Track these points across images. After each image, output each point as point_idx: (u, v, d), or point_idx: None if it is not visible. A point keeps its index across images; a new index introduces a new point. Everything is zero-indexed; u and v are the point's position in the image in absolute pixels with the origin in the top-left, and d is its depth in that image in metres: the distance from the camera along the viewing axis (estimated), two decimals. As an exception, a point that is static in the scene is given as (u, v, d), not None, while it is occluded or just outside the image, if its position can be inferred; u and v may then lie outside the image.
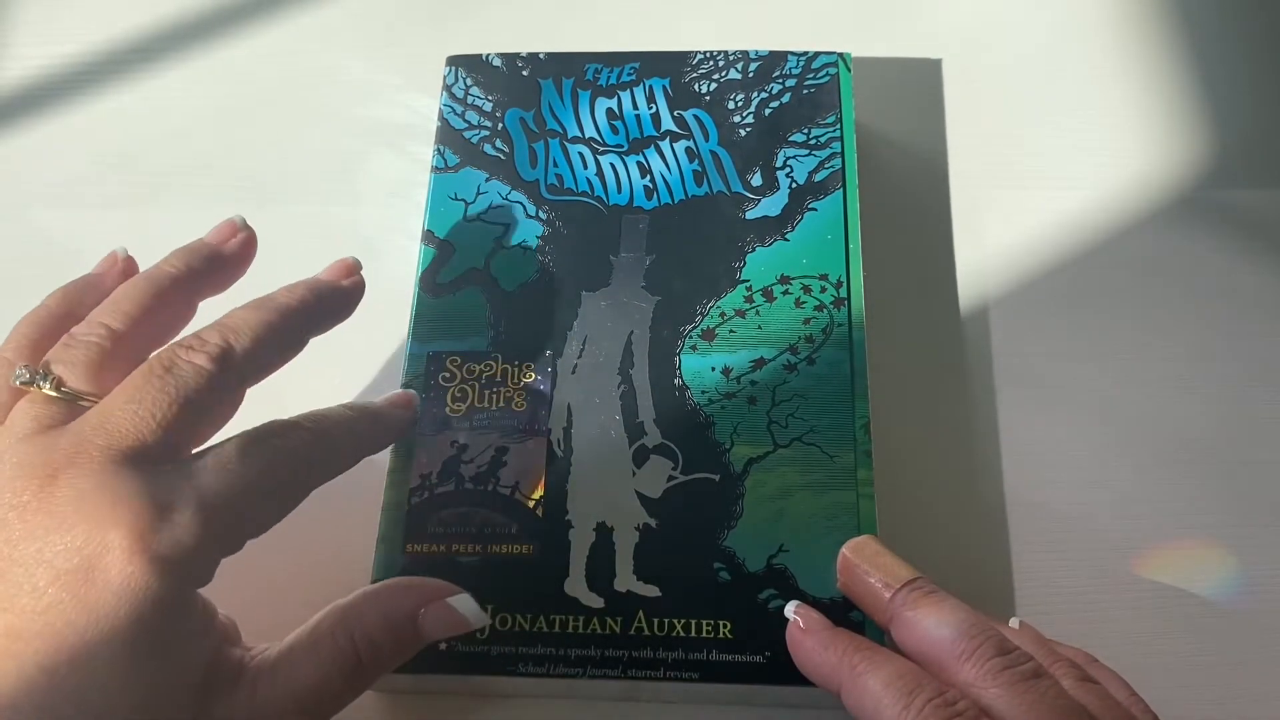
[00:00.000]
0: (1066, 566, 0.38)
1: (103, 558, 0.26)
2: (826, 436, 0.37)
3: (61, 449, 0.28)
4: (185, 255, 0.34)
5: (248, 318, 0.31)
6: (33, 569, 0.26)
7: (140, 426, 0.28)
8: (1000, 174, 0.46)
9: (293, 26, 0.51)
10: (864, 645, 0.31)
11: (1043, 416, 0.41)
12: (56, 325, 0.32)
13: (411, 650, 0.32)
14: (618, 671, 0.34)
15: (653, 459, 0.37)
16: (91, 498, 0.27)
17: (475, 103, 0.44)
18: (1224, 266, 0.44)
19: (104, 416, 0.28)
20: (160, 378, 0.29)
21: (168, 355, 0.30)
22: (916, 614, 0.31)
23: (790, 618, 0.33)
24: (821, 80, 0.43)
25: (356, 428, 0.33)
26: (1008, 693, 0.29)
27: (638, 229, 0.41)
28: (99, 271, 0.34)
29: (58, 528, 0.27)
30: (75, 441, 0.28)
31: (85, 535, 0.26)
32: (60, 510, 0.27)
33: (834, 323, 0.39)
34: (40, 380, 0.29)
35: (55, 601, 0.26)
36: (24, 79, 0.50)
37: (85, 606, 0.26)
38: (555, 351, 0.39)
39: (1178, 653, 0.37)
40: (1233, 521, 0.39)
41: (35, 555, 0.26)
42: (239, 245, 0.35)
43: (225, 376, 0.30)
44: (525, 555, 0.35)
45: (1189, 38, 0.49)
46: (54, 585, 0.26)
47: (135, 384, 0.29)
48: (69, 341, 0.30)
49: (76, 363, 0.29)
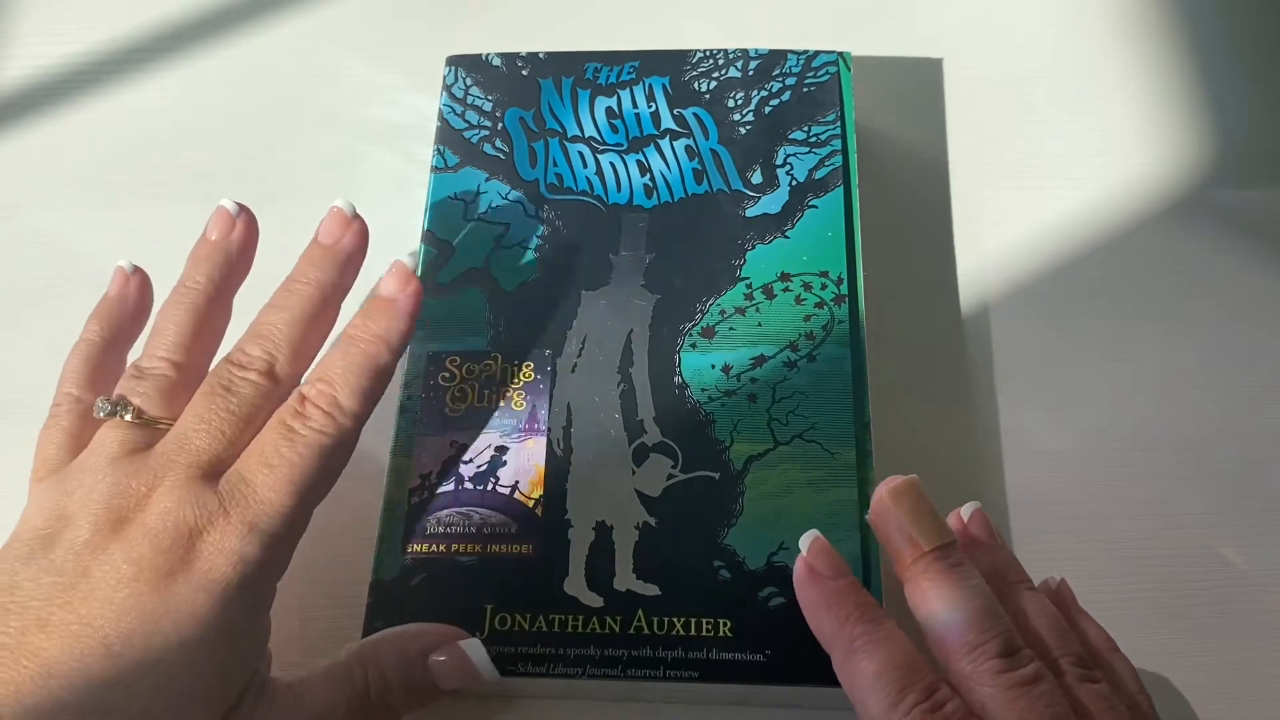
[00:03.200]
0: (1067, 566, 0.38)
1: (187, 561, 0.30)
2: (827, 434, 0.37)
3: (150, 469, 0.31)
4: (206, 266, 0.35)
5: (277, 322, 0.34)
6: (119, 565, 0.30)
7: (213, 443, 0.32)
8: (1000, 174, 0.46)
9: (293, 26, 0.51)
10: (867, 615, 0.31)
11: (1043, 416, 0.41)
12: (104, 355, 0.35)
13: (423, 696, 0.33)
14: (617, 671, 0.34)
15: (652, 457, 0.37)
16: (176, 512, 0.30)
17: (475, 102, 0.44)
18: (1224, 266, 0.44)
19: (181, 438, 0.32)
20: (223, 397, 0.32)
21: (224, 374, 0.33)
22: (934, 586, 0.31)
23: (802, 549, 0.32)
24: (821, 79, 0.43)
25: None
26: (1002, 695, 0.29)
27: (638, 227, 0.41)
28: (116, 292, 0.37)
29: (147, 535, 0.30)
30: (161, 462, 0.31)
31: (171, 539, 0.30)
32: (152, 523, 0.30)
33: (835, 320, 0.39)
34: (122, 411, 0.33)
35: (135, 594, 0.29)
36: (24, 79, 0.50)
37: (164, 600, 0.29)
38: (555, 350, 0.39)
39: (1178, 653, 0.37)
40: (1233, 521, 0.39)
41: (124, 554, 0.30)
42: (244, 234, 0.36)
43: (274, 386, 0.33)
44: (525, 554, 0.35)
45: (1189, 37, 0.49)
46: (137, 581, 0.29)
47: (202, 405, 0.32)
48: (138, 375, 0.34)
49: (150, 393, 0.33)
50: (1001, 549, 0.34)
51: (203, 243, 0.36)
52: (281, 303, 0.34)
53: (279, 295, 0.35)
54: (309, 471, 0.32)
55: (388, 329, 0.34)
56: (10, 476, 0.41)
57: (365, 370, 0.34)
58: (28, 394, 0.43)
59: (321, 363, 0.34)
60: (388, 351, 0.34)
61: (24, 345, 0.44)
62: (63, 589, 0.29)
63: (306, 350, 0.34)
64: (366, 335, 0.34)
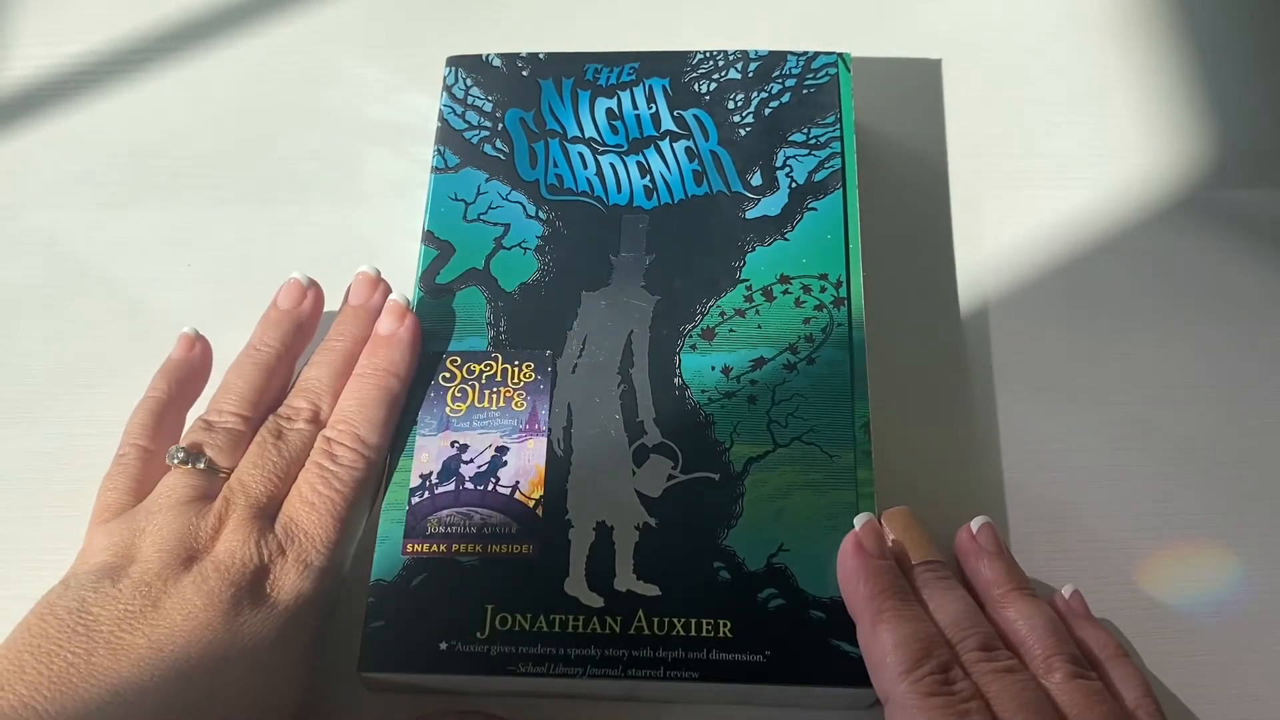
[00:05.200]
0: (1067, 566, 0.38)
1: (254, 595, 0.33)
2: (826, 436, 0.37)
3: (216, 511, 0.34)
4: (278, 332, 0.39)
5: (320, 377, 0.38)
6: (190, 598, 0.32)
7: (268, 486, 0.35)
8: (1000, 174, 0.46)
9: (293, 27, 0.51)
10: (898, 593, 0.33)
11: (1043, 416, 0.41)
12: (167, 410, 0.38)
13: None
14: (617, 671, 0.34)
15: (653, 458, 0.37)
16: (243, 549, 0.33)
17: (475, 103, 0.44)
18: (1224, 266, 0.44)
19: (242, 483, 0.35)
20: (275, 445, 0.36)
21: (275, 426, 0.36)
22: (920, 595, 0.34)
23: (856, 527, 0.35)
24: (821, 80, 0.43)
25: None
26: (980, 680, 0.32)
27: (637, 229, 0.41)
28: (181, 355, 0.39)
29: (217, 569, 0.33)
30: (225, 506, 0.34)
31: (239, 574, 0.33)
32: (221, 559, 0.33)
33: (834, 322, 0.39)
34: (194, 460, 0.35)
35: (206, 623, 0.32)
36: (25, 79, 0.50)
37: (231, 629, 0.32)
38: (555, 351, 0.39)
39: (1178, 653, 0.37)
40: (1234, 521, 0.39)
41: (195, 587, 0.32)
42: (312, 307, 0.40)
43: (317, 430, 0.37)
44: (525, 555, 0.35)
45: (1189, 37, 0.49)
46: (207, 610, 0.32)
47: (257, 453, 0.36)
48: (208, 427, 0.36)
49: (221, 444, 0.36)
50: (1006, 558, 0.36)
51: (274, 309, 0.39)
52: (321, 360, 0.38)
53: (319, 354, 0.38)
54: (346, 503, 0.35)
55: (391, 360, 0.37)
56: (11, 474, 0.42)
57: (379, 402, 0.37)
58: (27, 393, 0.43)
59: (339, 404, 0.37)
60: (396, 381, 0.37)
61: (23, 345, 0.44)
62: (133, 615, 0.31)
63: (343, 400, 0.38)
64: (374, 370, 0.37)
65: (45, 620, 0.31)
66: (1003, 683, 0.31)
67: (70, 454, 0.41)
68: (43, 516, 0.40)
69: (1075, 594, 0.36)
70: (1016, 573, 0.36)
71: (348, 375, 0.38)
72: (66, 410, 0.42)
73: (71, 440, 0.42)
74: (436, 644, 0.34)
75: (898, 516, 0.36)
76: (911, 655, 0.31)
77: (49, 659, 0.30)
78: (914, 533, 0.35)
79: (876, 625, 0.32)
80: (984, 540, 0.36)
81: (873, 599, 0.33)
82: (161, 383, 0.38)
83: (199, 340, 0.39)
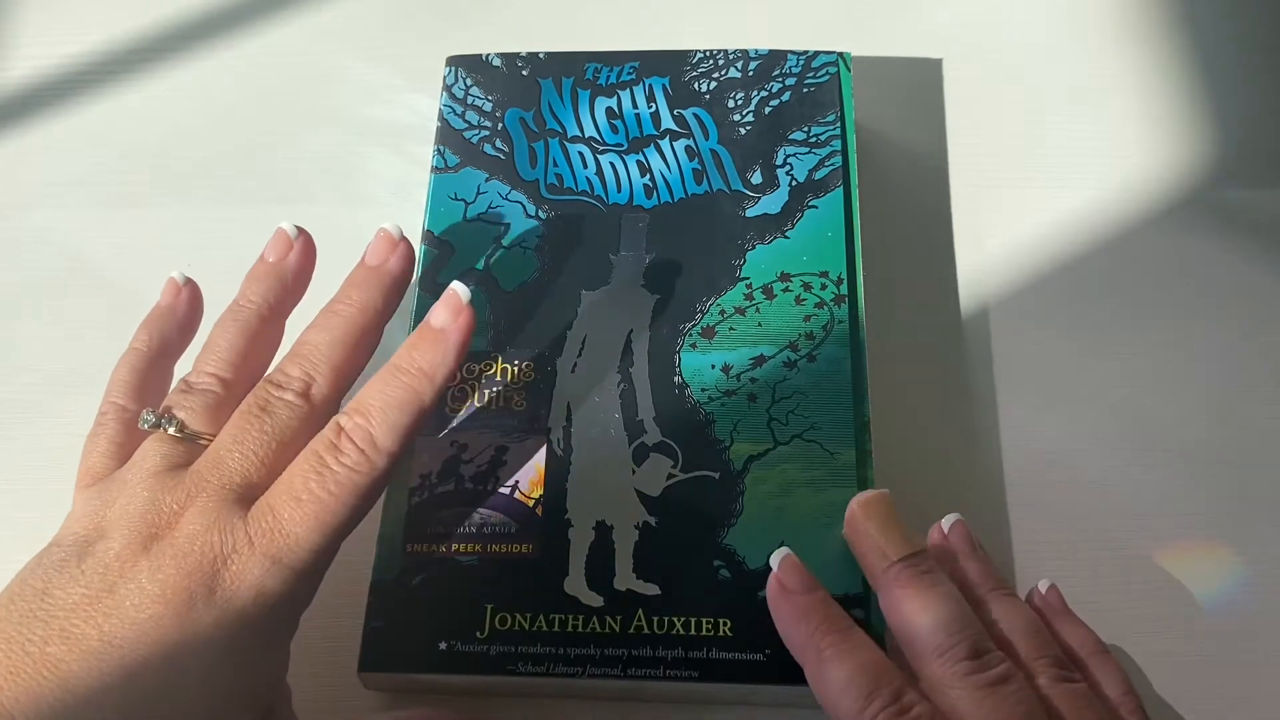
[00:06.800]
0: (1067, 566, 0.38)
1: (210, 588, 0.30)
2: (827, 433, 0.37)
3: (185, 487, 0.31)
4: (261, 286, 0.35)
5: (319, 343, 0.34)
6: (144, 584, 0.29)
7: (246, 466, 0.31)
8: (1000, 174, 0.46)
9: (293, 27, 0.51)
10: (836, 626, 0.32)
11: (1043, 416, 0.41)
12: (151, 365, 0.35)
13: None
14: (617, 670, 0.34)
15: (652, 457, 0.37)
16: (204, 536, 0.30)
17: (475, 103, 0.44)
18: (1224, 266, 0.44)
19: (216, 458, 0.32)
20: (259, 418, 0.32)
21: (263, 394, 0.33)
22: (905, 594, 0.32)
23: (772, 568, 0.33)
24: (821, 79, 0.43)
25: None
26: (970, 695, 0.30)
27: (637, 228, 0.41)
28: (166, 303, 0.37)
29: (174, 556, 0.30)
30: (195, 481, 0.31)
31: (196, 563, 0.30)
32: (180, 544, 0.30)
33: (834, 320, 0.39)
34: (166, 424, 0.32)
35: (156, 616, 0.29)
36: (25, 79, 0.50)
37: (183, 624, 0.29)
38: (555, 350, 0.39)
39: (1178, 653, 0.37)
40: (1234, 521, 0.39)
41: (150, 573, 0.30)
42: (300, 256, 0.36)
43: (312, 408, 0.33)
44: (525, 554, 0.35)
45: (1189, 37, 0.49)
46: (159, 603, 0.29)
47: (239, 425, 0.32)
48: (186, 389, 0.33)
49: (195, 408, 0.33)
50: (980, 558, 0.35)
51: (260, 263, 0.36)
52: (324, 324, 0.34)
53: (322, 316, 0.34)
54: (338, 510, 0.31)
55: (433, 363, 0.33)
56: (11, 475, 0.41)
57: (406, 407, 0.32)
58: (28, 393, 0.43)
59: (362, 392, 0.33)
60: (431, 388, 0.33)
61: (23, 345, 0.44)
62: (89, 602, 0.29)
63: (347, 372, 0.34)
64: (411, 368, 0.33)
65: (14, 602, 0.30)
66: (996, 699, 0.30)
67: (70, 454, 0.41)
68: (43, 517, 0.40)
69: (1052, 589, 0.35)
70: (992, 572, 0.35)
71: (350, 347, 0.34)
72: (66, 410, 0.42)
73: (71, 440, 0.42)
74: (436, 644, 0.34)
75: (875, 506, 0.34)
76: (862, 691, 0.30)
77: (9, 645, 0.29)
78: (891, 525, 0.33)
79: (821, 666, 0.31)
80: (956, 539, 0.35)
81: (810, 639, 0.32)
82: (143, 334, 0.36)
83: (186, 285, 0.37)
